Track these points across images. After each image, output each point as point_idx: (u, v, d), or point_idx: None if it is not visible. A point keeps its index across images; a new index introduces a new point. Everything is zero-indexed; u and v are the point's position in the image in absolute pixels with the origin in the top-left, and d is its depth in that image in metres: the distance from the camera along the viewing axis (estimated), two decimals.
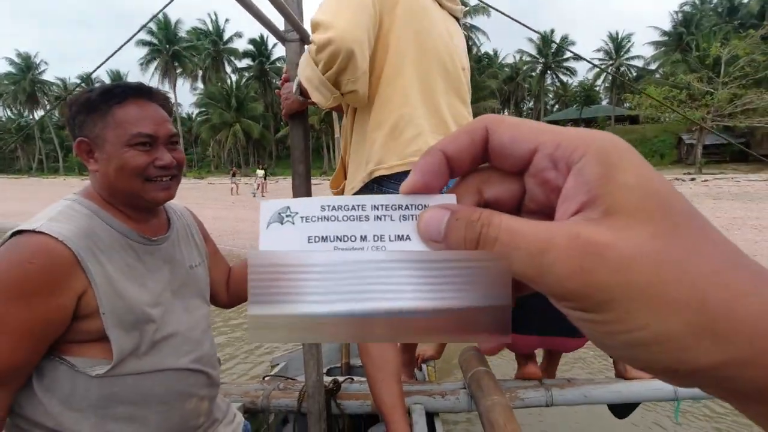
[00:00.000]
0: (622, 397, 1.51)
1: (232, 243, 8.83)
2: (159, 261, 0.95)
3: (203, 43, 46.81)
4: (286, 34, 1.26)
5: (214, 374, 1.03)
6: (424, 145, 1.18)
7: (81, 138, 0.88)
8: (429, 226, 0.21)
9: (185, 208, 1.14)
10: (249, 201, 17.22)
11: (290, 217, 0.24)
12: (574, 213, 0.19)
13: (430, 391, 1.55)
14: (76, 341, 0.82)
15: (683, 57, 31.19)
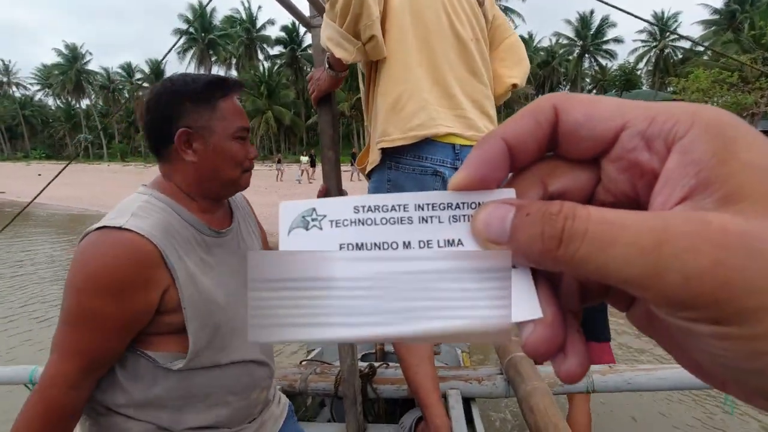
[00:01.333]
0: (667, 384, 1.45)
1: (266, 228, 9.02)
2: (227, 253, 0.96)
3: (237, 30, 47.57)
4: (312, 20, 1.25)
5: (272, 364, 1.06)
6: (427, 119, 1.14)
7: (184, 128, 0.87)
8: (490, 226, 0.18)
9: (242, 195, 1.12)
10: (284, 187, 17.51)
11: (317, 220, 0.20)
12: (679, 201, 0.15)
13: (467, 376, 1.54)
14: (156, 334, 0.85)
15: (736, 37, 29.16)
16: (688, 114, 0.16)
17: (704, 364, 0.15)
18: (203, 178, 0.91)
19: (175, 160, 0.90)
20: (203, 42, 46.03)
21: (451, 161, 1.17)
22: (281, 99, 42.90)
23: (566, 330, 0.18)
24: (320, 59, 1.27)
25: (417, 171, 1.18)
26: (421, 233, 0.19)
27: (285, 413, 1.13)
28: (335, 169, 1.30)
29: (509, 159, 0.18)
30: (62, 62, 54.59)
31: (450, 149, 1.17)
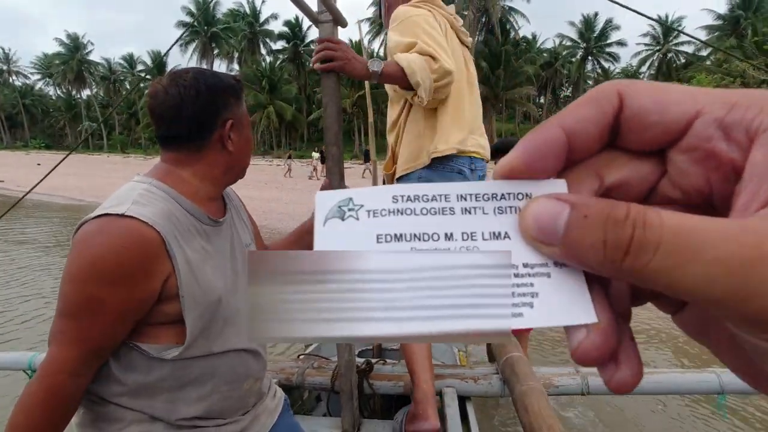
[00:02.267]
0: (664, 388, 1.46)
1: (264, 222, 9.03)
2: (223, 242, 0.97)
3: (240, 24, 47.41)
4: (320, 15, 1.25)
5: (265, 355, 1.06)
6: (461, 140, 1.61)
7: (232, 120, 0.94)
8: (540, 224, 0.16)
9: (231, 188, 1.15)
10: (289, 182, 17.51)
11: (353, 210, 0.19)
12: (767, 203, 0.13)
13: (463, 375, 1.55)
14: (152, 323, 0.84)
15: (739, 43, 29.16)
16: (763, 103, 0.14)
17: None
18: (233, 166, 0.97)
19: (209, 149, 0.93)
20: (206, 35, 45.88)
21: (468, 165, 1.66)
22: (283, 94, 42.80)
23: (619, 336, 0.16)
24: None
25: (447, 169, 1.62)
26: (465, 225, 0.18)
27: (280, 407, 1.14)
28: (338, 164, 1.31)
29: (566, 149, 0.17)
30: (63, 52, 54.38)
31: (468, 159, 1.67)
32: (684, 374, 1.50)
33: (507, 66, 36.98)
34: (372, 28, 40.81)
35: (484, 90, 36.95)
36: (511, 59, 37.31)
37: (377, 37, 41.47)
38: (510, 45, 38.79)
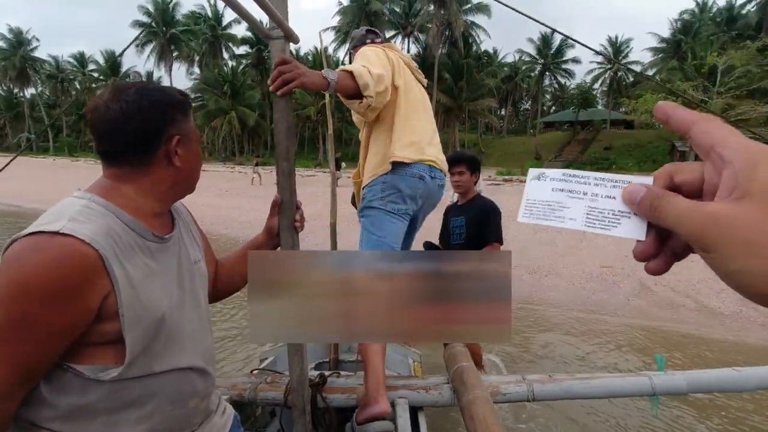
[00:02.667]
0: (601, 392, 1.55)
1: (225, 231, 8.80)
2: (169, 258, 0.96)
3: (201, 27, 46.21)
4: (271, 32, 1.26)
5: (212, 372, 1.04)
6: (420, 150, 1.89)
7: (178, 135, 0.93)
8: (631, 194, 0.34)
9: (181, 203, 1.13)
10: (245, 189, 17.11)
11: (544, 178, 0.38)
12: (725, 197, 0.28)
13: (415, 385, 1.58)
14: (88, 343, 0.81)
15: (680, 65, 31.37)
16: (740, 144, 0.28)
17: None
18: (179, 182, 0.95)
19: (155, 164, 0.91)
20: (164, 37, 44.38)
21: (428, 172, 1.89)
22: (246, 100, 41.96)
23: (660, 251, 0.33)
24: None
25: (408, 174, 1.84)
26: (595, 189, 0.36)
27: (229, 424, 1.12)
28: (289, 180, 1.31)
29: None
30: (5, 47, 50.95)
31: (428, 167, 1.90)
32: (623, 378, 1.59)
33: (469, 78, 37.98)
34: (337, 37, 40.93)
35: (447, 101, 37.80)
36: (473, 72, 38.36)
37: (342, 46, 41.62)
38: (472, 58, 39.90)
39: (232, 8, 1.05)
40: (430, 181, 1.88)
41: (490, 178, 21.93)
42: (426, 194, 1.91)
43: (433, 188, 1.92)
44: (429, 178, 1.87)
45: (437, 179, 1.93)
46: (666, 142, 34.67)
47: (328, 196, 2.34)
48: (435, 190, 1.94)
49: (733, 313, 4.69)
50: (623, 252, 7.37)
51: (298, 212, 1.30)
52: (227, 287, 1.25)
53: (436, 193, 1.97)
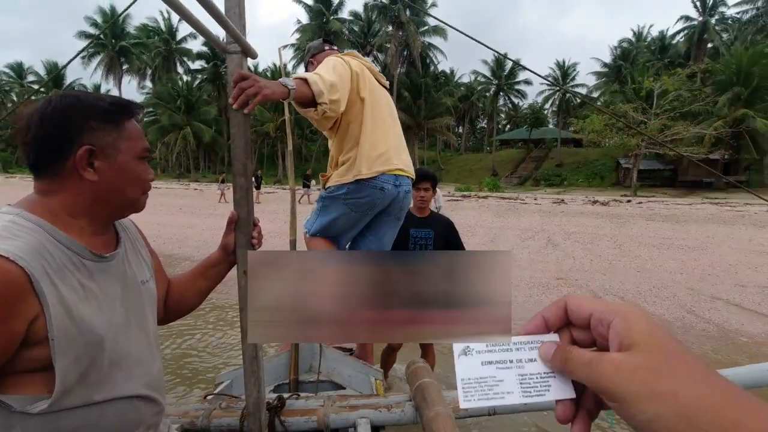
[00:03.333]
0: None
1: (179, 250, 8.43)
2: (112, 279, 0.89)
3: (154, 41, 44.89)
4: (228, 46, 1.24)
5: (161, 400, 0.98)
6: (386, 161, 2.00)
7: (89, 146, 0.83)
8: (546, 353, 0.38)
9: (130, 220, 1.07)
10: (199, 207, 16.53)
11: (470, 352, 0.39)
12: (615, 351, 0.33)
13: (376, 404, 1.55)
14: (14, 372, 0.74)
15: (621, 88, 33.71)
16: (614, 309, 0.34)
17: None
18: (99, 199, 0.87)
19: (67, 177, 0.83)
20: (113, 49, 42.72)
21: (392, 182, 2.00)
22: (201, 115, 40.91)
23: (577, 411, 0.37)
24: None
25: (369, 186, 1.95)
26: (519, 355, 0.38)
27: None
28: (247, 196, 1.28)
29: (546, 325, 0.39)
30: None
31: (393, 177, 2.00)
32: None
33: (428, 97, 39.01)
34: (296, 54, 40.96)
35: (407, 119, 38.53)
36: (431, 91, 39.47)
37: (301, 63, 41.68)
38: (430, 78, 41.07)
39: (188, 22, 1.03)
40: (392, 190, 2.00)
41: (449, 194, 22.41)
42: (387, 202, 2.05)
43: (395, 195, 2.05)
44: (392, 186, 2.00)
45: (402, 186, 2.04)
46: (611, 159, 36.90)
47: (288, 213, 2.32)
48: (399, 196, 2.07)
49: (676, 319, 4.98)
50: (577, 266, 7.68)
51: (255, 229, 1.26)
52: (180, 307, 1.19)
53: (402, 199, 2.09)
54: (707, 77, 30.23)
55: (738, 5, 34.17)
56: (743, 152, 28.00)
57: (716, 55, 34.82)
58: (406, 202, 2.14)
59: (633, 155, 29.27)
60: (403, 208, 2.16)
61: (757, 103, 27.48)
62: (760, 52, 28.11)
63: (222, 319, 4.88)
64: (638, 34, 44.59)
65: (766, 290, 5.99)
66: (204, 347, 4.17)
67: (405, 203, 2.14)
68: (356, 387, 2.04)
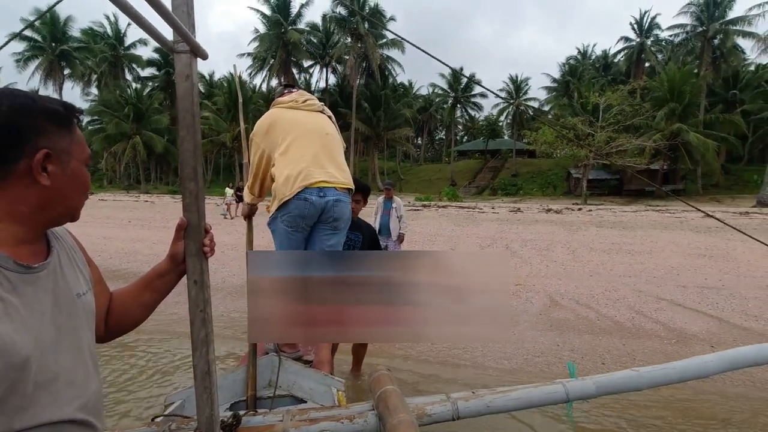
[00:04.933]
0: (520, 403, 1.59)
1: (127, 265, 7.96)
2: (40, 292, 0.81)
3: (100, 46, 42.77)
4: (176, 45, 1.18)
5: (98, 425, 0.89)
6: (305, 177, 2.19)
7: (47, 149, 0.79)
8: None
9: (65, 229, 0.99)
10: (149, 219, 15.75)
11: None
12: None
13: (338, 415, 1.49)
14: None
15: (569, 102, 35.60)
16: None
17: None
18: (45, 205, 0.81)
19: (12, 180, 0.77)
20: (53, 52, 40.28)
21: (315, 194, 2.19)
22: (152, 124, 39.25)
23: None
24: (183, 86, 1.19)
25: (296, 199, 2.18)
26: None
27: None
28: (196, 202, 1.20)
29: None
30: None
31: (316, 189, 2.20)
32: (536, 388, 1.65)
33: (387, 108, 39.47)
34: (254, 64, 40.35)
35: (366, 129, 38.82)
36: (391, 102, 39.98)
37: (258, 72, 41.08)
38: (389, 89, 41.61)
39: (132, 19, 0.94)
40: (318, 200, 2.18)
41: (410, 204, 22.64)
42: (315, 211, 2.21)
43: (323, 205, 2.20)
44: (317, 198, 2.17)
45: (327, 196, 2.20)
46: (563, 169, 38.73)
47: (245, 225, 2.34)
48: (328, 206, 2.21)
49: (626, 320, 5.22)
50: (534, 272, 7.91)
51: (207, 236, 1.19)
52: (123, 321, 1.10)
53: (331, 207, 2.23)
54: (646, 93, 32.50)
55: (670, 29, 37.03)
56: (680, 163, 30.22)
57: (653, 73, 37.52)
58: (338, 210, 2.25)
59: (582, 165, 30.89)
60: (337, 217, 2.26)
61: (689, 118, 29.86)
62: (689, 71, 30.71)
63: (170, 332, 4.63)
64: (584, 52, 47.40)
65: (704, 290, 6.43)
66: (151, 366, 3.92)
67: (337, 211, 2.25)
68: (318, 400, 1.97)
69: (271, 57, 39.02)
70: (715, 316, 5.30)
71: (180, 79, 1.20)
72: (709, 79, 33.83)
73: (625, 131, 28.67)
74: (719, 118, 30.89)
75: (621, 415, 3.10)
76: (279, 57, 38.50)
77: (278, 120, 2.33)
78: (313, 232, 2.31)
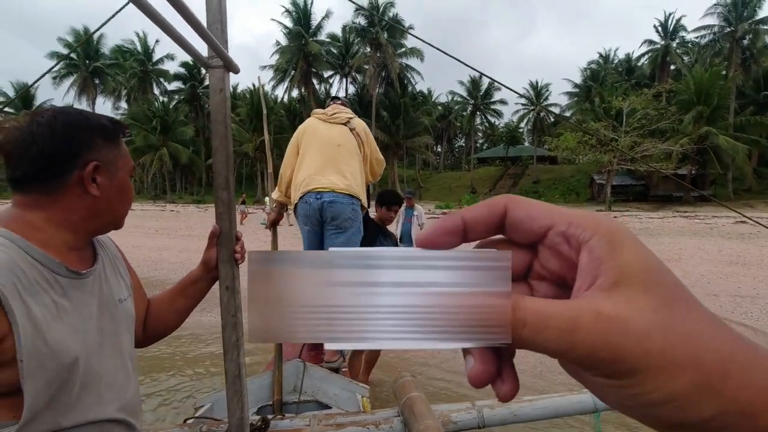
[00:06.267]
0: (547, 412, 1.57)
1: (154, 273, 8.19)
2: (87, 296, 0.86)
3: (130, 62, 44.47)
4: (210, 61, 1.24)
5: (136, 424, 0.93)
6: (307, 184, 2.65)
7: (96, 161, 0.85)
8: None
9: (108, 237, 1.05)
10: (175, 228, 16.16)
11: None
12: (589, 285, 0.22)
13: (364, 421, 1.51)
14: None
15: (591, 107, 34.99)
16: (593, 223, 0.23)
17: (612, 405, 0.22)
18: (94, 214, 0.87)
19: (65, 192, 0.83)
20: (87, 70, 42.07)
21: (314, 197, 2.59)
22: (178, 136, 40.44)
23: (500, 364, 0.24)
24: (216, 99, 1.25)
25: (301, 202, 2.64)
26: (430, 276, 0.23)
27: None
28: (229, 210, 1.25)
29: (463, 232, 0.25)
30: None
31: (315, 193, 2.60)
32: (563, 397, 1.63)
33: (406, 116, 39.61)
34: (275, 75, 41.18)
35: (385, 138, 38.97)
36: (410, 110, 40.11)
37: (279, 84, 41.87)
38: (408, 98, 41.80)
39: (169, 36, 1.01)
40: (314, 202, 2.58)
41: (430, 212, 22.58)
42: (314, 211, 2.60)
43: (318, 206, 2.58)
44: (314, 200, 2.58)
45: (322, 199, 2.57)
46: (586, 175, 37.99)
47: (269, 233, 2.51)
48: (323, 206, 2.57)
49: None
50: None
51: (238, 243, 1.23)
52: (159, 328, 1.15)
53: (327, 207, 2.57)
54: (671, 97, 31.70)
55: (696, 30, 36.16)
56: (708, 167, 29.26)
57: (679, 76, 36.62)
58: (334, 209, 2.57)
59: (606, 171, 30.21)
60: (334, 216, 2.58)
61: (718, 121, 28.92)
62: (717, 73, 29.75)
63: (200, 340, 4.73)
64: (606, 56, 46.63)
65: (737, 299, 6.19)
66: (185, 370, 4.01)
67: (332, 211, 2.57)
68: (343, 405, 1.99)
69: (293, 68, 39.74)
70: (749, 325, 5.10)
71: (214, 92, 1.26)
72: (738, 81, 32.78)
73: (650, 136, 27.96)
74: (750, 120, 29.79)
75: None
76: (300, 68, 39.19)
77: (306, 129, 2.78)
78: (323, 233, 2.69)
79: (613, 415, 3.01)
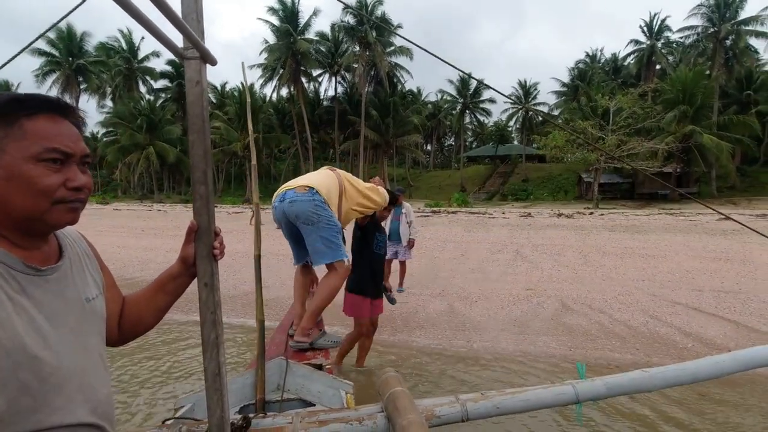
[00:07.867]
0: (530, 404, 1.57)
1: (140, 273, 8.08)
2: (49, 294, 0.81)
3: (115, 59, 43.74)
4: (186, 52, 1.21)
5: (110, 428, 0.89)
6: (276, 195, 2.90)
7: None
8: None
9: (78, 233, 1.00)
10: (164, 228, 15.96)
11: None
12: None
13: (347, 417, 1.49)
14: None
15: (579, 106, 35.34)
16: None
17: None
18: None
19: None
20: (70, 67, 41.25)
21: (279, 200, 2.83)
22: (165, 135, 39.90)
23: None
24: (193, 92, 1.22)
25: (273, 206, 2.88)
26: None
27: None
28: (207, 205, 1.23)
29: None
30: None
31: (279, 196, 2.84)
32: (548, 389, 1.64)
33: (396, 115, 39.58)
34: (264, 74, 40.83)
35: (375, 137, 38.93)
36: (399, 109, 40.09)
37: (268, 83, 41.52)
38: (398, 97, 41.75)
39: (143, 26, 0.98)
40: (278, 205, 2.81)
41: (420, 210, 22.60)
42: (280, 214, 2.81)
43: (283, 207, 2.78)
44: (278, 203, 2.81)
45: (284, 200, 2.77)
46: (574, 173, 38.39)
47: None
48: (286, 206, 2.76)
49: (640, 324, 5.14)
50: (545, 277, 7.84)
51: (217, 238, 1.21)
52: (135, 326, 1.11)
53: (288, 207, 2.74)
54: (657, 96, 32.14)
55: (681, 31, 36.67)
56: (693, 165, 29.76)
57: (664, 75, 37.08)
58: (294, 208, 2.73)
59: (593, 169, 30.57)
60: (297, 215, 2.73)
61: (702, 120, 29.41)
62: (700, 73, 30.29)
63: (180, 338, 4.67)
64: (593, 56, 47.12)
65: (720, 294, 6.30)
66: (161, 369, 3.96)
67: (293, 210, 2.74)
68: (327, 403, 1.98)
69: (281, 67, 39.44)
70: (732, 319, 5.20)
71: (190, 84, 1.23)
72: (722, 81, 33.36)
73: (636, 134, 28.34)
74: (733, 119, 30.38)
75: (631, 416, 3.04)
76: (288, 66, 38.89)
77: None
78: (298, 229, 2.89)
79: (594, 405, 3.04)
